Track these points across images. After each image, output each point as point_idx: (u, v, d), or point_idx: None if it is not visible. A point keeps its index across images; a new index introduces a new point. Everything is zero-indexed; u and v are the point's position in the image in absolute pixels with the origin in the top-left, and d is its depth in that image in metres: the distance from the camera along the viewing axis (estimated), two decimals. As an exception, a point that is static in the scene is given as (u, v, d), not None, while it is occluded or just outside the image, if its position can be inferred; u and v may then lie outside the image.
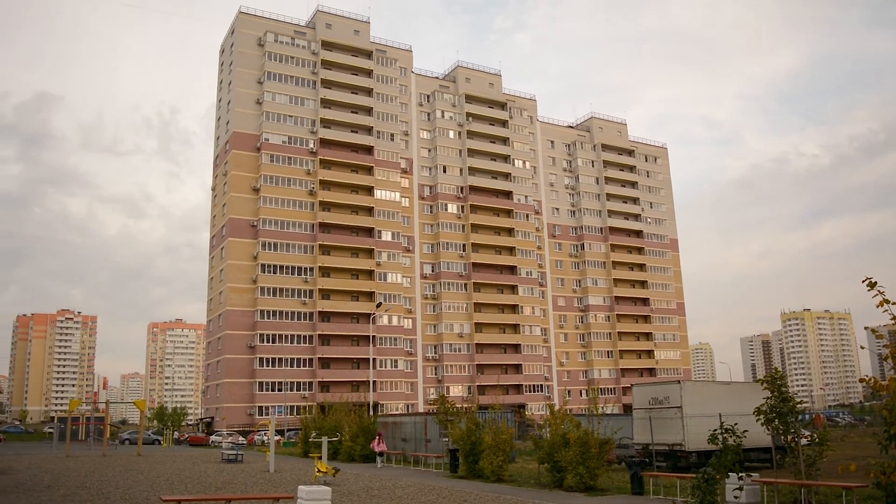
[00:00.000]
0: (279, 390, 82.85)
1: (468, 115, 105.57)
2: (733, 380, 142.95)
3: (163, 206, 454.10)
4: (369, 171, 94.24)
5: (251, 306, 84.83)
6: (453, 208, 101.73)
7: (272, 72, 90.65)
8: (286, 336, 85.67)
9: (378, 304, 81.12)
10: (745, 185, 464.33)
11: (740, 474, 17.40)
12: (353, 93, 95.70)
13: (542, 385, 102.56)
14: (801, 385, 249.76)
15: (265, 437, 63.34)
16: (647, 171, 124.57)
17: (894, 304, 9.37)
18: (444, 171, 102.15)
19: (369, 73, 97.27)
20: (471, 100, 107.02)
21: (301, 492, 15.90)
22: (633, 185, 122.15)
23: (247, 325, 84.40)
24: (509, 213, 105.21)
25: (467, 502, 20.61)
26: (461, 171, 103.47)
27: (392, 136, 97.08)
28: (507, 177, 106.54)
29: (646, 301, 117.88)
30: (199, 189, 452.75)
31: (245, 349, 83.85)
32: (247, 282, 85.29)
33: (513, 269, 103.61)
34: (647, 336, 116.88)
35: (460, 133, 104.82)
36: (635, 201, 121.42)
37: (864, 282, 9.55)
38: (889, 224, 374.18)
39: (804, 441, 18.86)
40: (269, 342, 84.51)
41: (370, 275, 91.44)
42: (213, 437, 71.59)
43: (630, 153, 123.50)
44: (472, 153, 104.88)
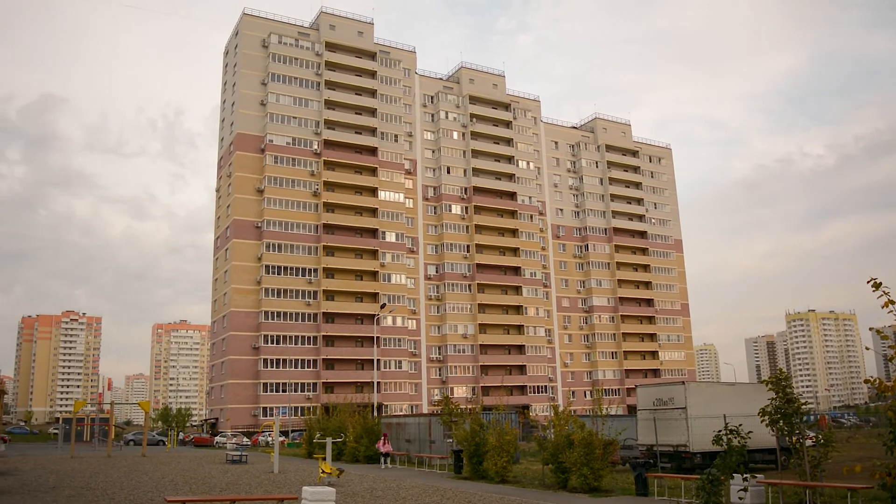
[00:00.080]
0: (283, 391, 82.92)
1: (472, 116, 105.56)
2: (738, 381, 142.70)
3: (167, 207, 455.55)
4: (373, 172, 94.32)
5: (255, 307, 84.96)
6: (457, 209, 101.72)
7: (276, 73, 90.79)
8: (290, 337, 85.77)
9: (382, 306, 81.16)
10: (749, 185, 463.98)
11: (745, 475, 17.41)
12: (356, 94, 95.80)
13: (546, 386, 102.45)
14: (806, 386, 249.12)
15: (269, 438, 63.45)
16: (651, 172, 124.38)
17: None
18: (448, 172, 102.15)
19: (373, 74, 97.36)
20: (474, 101, 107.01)
21: (305, 493, 15.91)
22: (637, 185, 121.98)
23: (251, 326, 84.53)
24: (513, 214, 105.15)
25: (471, 503, 20.61)
26: (465, 172, 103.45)
27: (396, 137, 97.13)
28: (510, 178, 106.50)
29: (650, 302, 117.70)
30: (203, 190, 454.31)
31: (249, 350, 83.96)
32: (251, 283, 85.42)
33: (517, 270, 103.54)
34: (652, 337, 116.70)
35: (464, 134, 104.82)
36: (639, 202, 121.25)
37: (869, 282, 9.53)
38: (894, 224, 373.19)
39: (809, 442, 18.82)
40: (273, 343, 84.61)
41: (374, 276, 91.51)
42: (217, 438, 71.67)
43: (634, 154, 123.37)
44: (476, 154, 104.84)
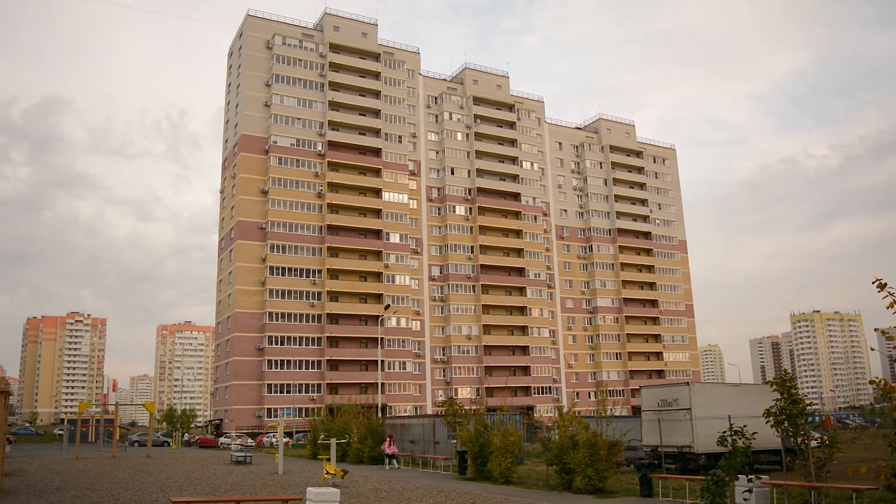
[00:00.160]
0: (288, 392, 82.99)
1: (476, 116, 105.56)
2: (742, 382, 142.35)
3: (171, 208, 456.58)
4: (377, 173, 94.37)
5: (260, 308, 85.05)
6: (461, 210, 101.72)
7: (280, 74, 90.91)
8: (294, 338, 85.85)
9: (386, 306, 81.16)
10: (754, 185, 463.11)
11: (750, 476, 17.36)
12: (360, 95, 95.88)
13: (550, 387, 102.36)
14: (811, 387, 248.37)
15: (274, 439, 63.52)
16: (656, 173, 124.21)
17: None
18: (452, 173, 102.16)
19: (377, 75, 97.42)
20: (478, 101, 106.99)
21: (310, 493, 15.94)
22: (642, 186, 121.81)
23: (255, 327, 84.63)
24: (517, 215, 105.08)
25: (476, 504, 20.59)
26: (469, 172, 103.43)
27: (400, 138, 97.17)
28: (514, 178, 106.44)
29: (654, 303, 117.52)
30: (207, 192, 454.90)
31: (254, 351, 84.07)
32: (255, 284, 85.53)
33: (521, 271, 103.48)
34: (656, 338, 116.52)
35: (468, 135, 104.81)
36: (643, 203, 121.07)
37: (874, 283, 9.48)
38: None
39: (814, 443, 18.76)
40: (277, 344, 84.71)
41: (378, 277, 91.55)
42: (222, 439, 71.76)
43: (638, 154, 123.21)
44: (480, 155, 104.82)
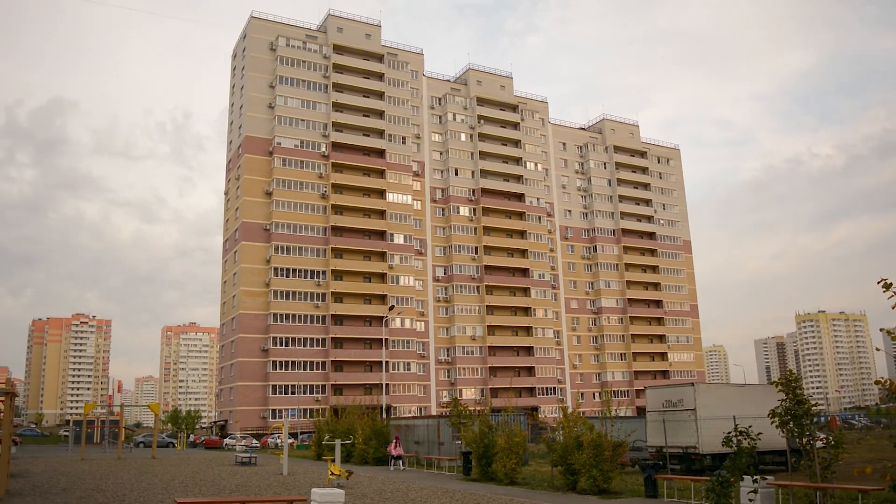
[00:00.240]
0: (292, 393, 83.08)
1: (480, 117, 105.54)
2: (747, 382, 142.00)
3: (176, 210, 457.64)
4: (381, 174, 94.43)
5: (264, 309, 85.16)
6: (465, 211, 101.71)
7: (284, 76, 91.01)
8: (299, 339, 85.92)
9: (391, 307, 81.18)
10: (758, 185, 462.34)
11: (755, 477, 17.35)
12: (364, 96, 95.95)
13: (554, 388, 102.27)
14: (816, 387, 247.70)
15: (278, 440, 63.54)
16: (660, 173, 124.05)
17: (910, 305, 9.28)
18: (456, 174, 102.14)
19: (381, 76, 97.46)
20: (482, 102, 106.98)
21: (314, 494, 15.95)
22: (646, 186, 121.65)
23: (260, 328, 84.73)
24: (521, 216, 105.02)
25: (480, 505, 20.59)
26: (473, 173, 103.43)
27: (404, 139, 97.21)
28: (518, 179, 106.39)
29: (659, 303, 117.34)
30: (211, 193, 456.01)
31: (258, 352, 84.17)
32: (260, 285, 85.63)
33: (525, 272, 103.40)
34: (661, 338, 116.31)
35: (472, 136, 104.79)
36: (648, 203, 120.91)
37: (879, 283, 9.46)
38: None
39: (819, 444, 18.73)
40: (282, 345, 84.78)
41: (382, 278, 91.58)
42: (226, 440, 71.85)
43: (642, 155, 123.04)
44: (484, 156, 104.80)
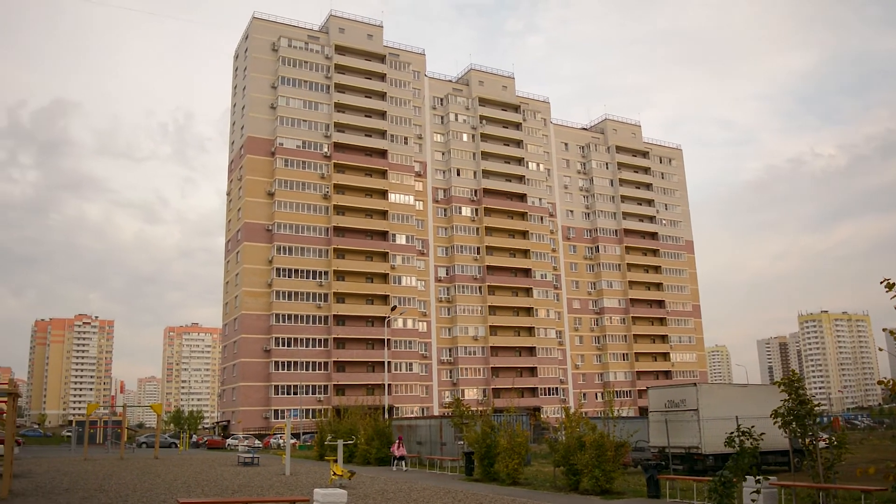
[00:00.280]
0: (294, 394, 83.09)
1: (481, 117, 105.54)
2: (750, 382, 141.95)
3: (178, 210, 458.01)
4: (383, 174, 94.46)
5: (266, 310, 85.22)
6: (467, 211, 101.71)
7: (286, 76, 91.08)
8: (301, 339, 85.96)
9: (393, 308, 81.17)
10: (760, 185, 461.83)
11: (757, 477, 17.33)
12: (366, 97, 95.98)
13: (557, 388, 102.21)
14: (819, 387, 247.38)
15: (281, 441, 63.58)
16: (662, 173, 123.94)
17: (912, 305, 9.27)
18: (458, 174, 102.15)
19: (383, 76, 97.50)
20: (484, 102, 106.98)
21: (317, 495, 15.97)
22: (648, 186, 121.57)
23: (262, 328, 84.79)
24: (523, 216, 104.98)
25: (483, 505, 20.58)
26: (475, 173, 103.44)
27: (406, 139, 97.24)
28: (520, 179, 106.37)
29: (661, 303, 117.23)
30: (214, 194, 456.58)
31: (260, 353, 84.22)
32: (262, 286, 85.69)
33: (527, 272, 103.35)
34: (663, 338, 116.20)
35: (474, 136, 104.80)
36: (650, 203, 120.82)
37: (882, 283, 9.46)
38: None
39: (822, 444, 18.70)
40: (284, 346, 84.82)
41: (384, 278, 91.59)
42: (229, 441, 71.90)
43: (644, 155, 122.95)
44: (486, 156, 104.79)
